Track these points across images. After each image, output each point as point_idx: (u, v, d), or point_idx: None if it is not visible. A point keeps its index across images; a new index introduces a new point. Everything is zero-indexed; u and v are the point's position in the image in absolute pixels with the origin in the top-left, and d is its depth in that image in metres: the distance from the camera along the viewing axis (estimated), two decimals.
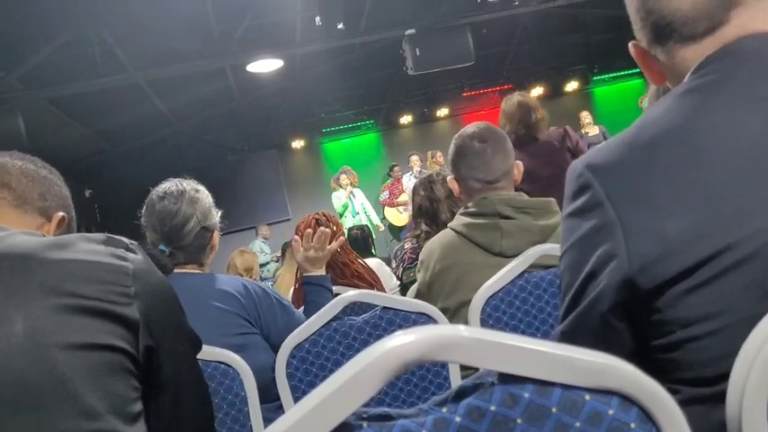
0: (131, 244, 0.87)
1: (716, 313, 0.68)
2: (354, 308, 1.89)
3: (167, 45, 6.18)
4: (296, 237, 2.09)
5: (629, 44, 0.91)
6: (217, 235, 1.83)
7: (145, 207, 1.78)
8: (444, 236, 1.89)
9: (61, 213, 1.08)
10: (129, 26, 5.83)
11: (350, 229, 4.00)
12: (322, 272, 2.03)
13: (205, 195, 1.81)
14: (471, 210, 1.83)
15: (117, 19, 5.71)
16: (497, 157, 1.85)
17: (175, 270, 1.71)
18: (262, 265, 8.42)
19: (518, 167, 1.91)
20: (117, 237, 0.86)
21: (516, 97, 3.45)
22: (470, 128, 1.93)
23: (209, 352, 1.43)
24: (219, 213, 1.86)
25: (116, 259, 0.82)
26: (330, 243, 2.04)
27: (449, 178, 1.97)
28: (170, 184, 1.78)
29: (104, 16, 5.64)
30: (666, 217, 0.70)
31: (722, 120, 0.73)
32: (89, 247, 0.82)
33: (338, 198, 8.70)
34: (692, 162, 0.71)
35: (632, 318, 0.74)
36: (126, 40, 6.10)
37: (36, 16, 5.24)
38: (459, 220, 1.86)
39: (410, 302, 1.66)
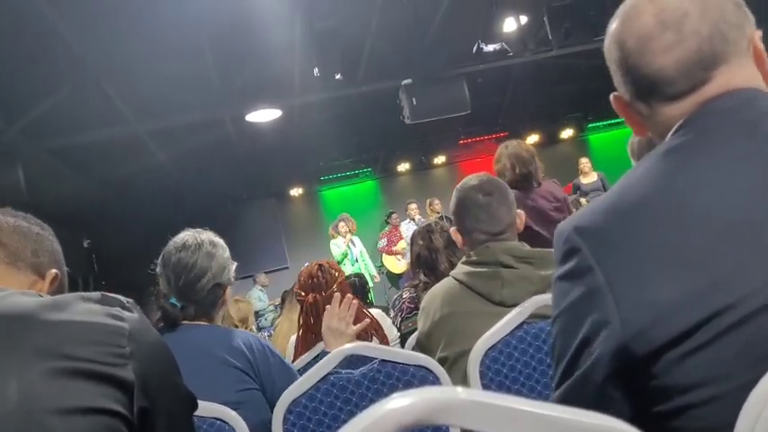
0: (127, 302, 0.86)
1: (712, 379, 0.67)
2: (352, 359, 1.87)
3: (168, 96, 6.26)
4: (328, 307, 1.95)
5: (611, 96, 0.91)
6: (229, 290, 1.81)
7: (161, 257, 1.75)
8: (446, 284, 1.88)
9: (54, 270, 1.08)
10: (129, 78, 5.92)
11: (348, 277, 3.99)
12: None
13: (222, 250, 1.78)
14: (473, 259, 1.83)
15: (118, 71, 5.80)
16: (502, 209, 1.85)
17: (183, 322, 1.69)
18: (259, 314, 8.36)
19: (520, 217, 1.91)
20: (113, 295, 0.86)
21: (513, 145, 3.36)
22: (473, 179, 1.92)
23: (204, 408, 1.40)
24: (235, 266, 1.83)
25: (111, 319, 0.82)
26: (351, 304, 1.93)
27: (452, 230, 1.96)
28: (188, 236, 1.76)
29: (105, 68, 5.73)
30: (657, 282, 0.69)
31: (704, 181, 0.73)
32: (85, 308, 0.82)
33: (337, 246, 8.66)
34: (677, 225, 0.71)
35: (629, 385, 0.73)
36: (127, 91, 6.19)
37: (38, 69, 5.33)
38: (460, 269, 1.85)
39: (408, 355, 1.64)
